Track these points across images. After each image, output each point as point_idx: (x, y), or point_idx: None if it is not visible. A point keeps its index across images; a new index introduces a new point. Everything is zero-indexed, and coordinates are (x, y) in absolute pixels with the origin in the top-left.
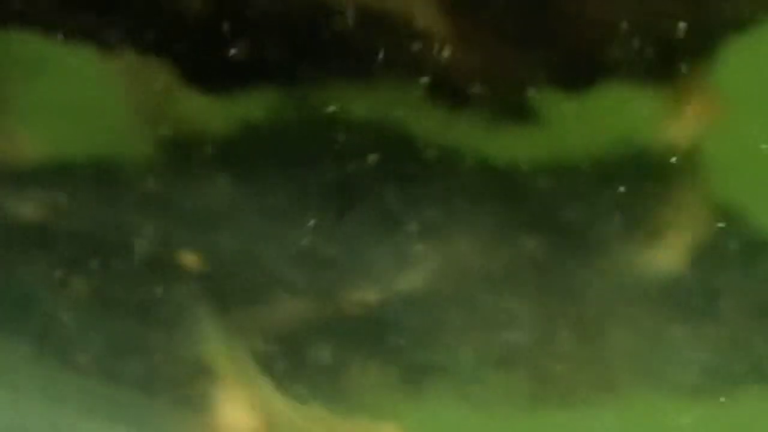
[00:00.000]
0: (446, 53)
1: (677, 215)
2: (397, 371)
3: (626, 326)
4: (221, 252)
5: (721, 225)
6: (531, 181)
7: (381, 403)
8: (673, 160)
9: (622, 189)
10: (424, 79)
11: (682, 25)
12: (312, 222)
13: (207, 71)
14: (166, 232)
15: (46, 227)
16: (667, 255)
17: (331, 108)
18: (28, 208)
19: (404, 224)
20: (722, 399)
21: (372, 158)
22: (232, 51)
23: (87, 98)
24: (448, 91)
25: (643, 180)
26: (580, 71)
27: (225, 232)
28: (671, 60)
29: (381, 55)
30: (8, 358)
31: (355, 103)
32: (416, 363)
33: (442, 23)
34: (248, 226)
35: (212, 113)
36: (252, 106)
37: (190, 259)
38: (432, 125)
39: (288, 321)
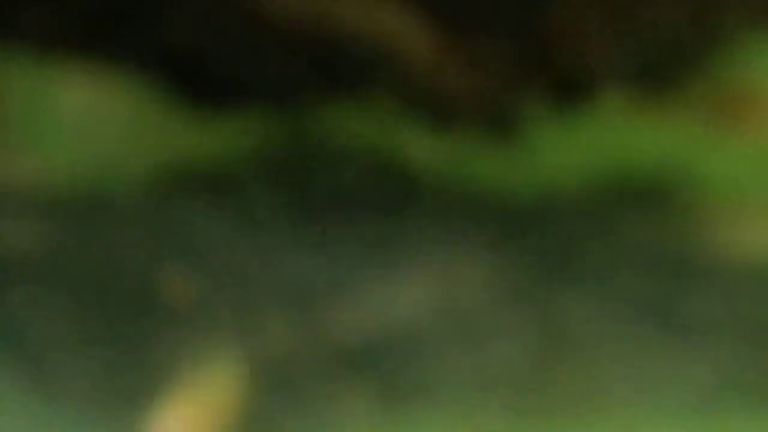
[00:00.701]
0: (434, 73)
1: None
2: (385, 399)
3: (616, 347)
4: (207, 278)
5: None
6: (516, 205)
7: (365, 428)
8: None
9: (611, 211)
10: (414, 101)
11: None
12: (301, 248)
13: (201, 90)
14: (152, 256)
15: (33, 253)
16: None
17: (322, 132)
18: (16, 234)
19: (392, 251)
20: (717, 417)
21: (362, 184)
22: (226, 70)
23: (77, 122)
24: (438, 112)
25: (636, 201)
26: (573, 88)
27: (211, 257)
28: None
29: (371, 76)
30: None
31: (345, 126)
32: (405, 391)
33: (430, 44)
34: (236, 251)
35: (202, 136)
36: (242, 130)
37: (176, 284)
38: (422, 148)
39: (275, 347)
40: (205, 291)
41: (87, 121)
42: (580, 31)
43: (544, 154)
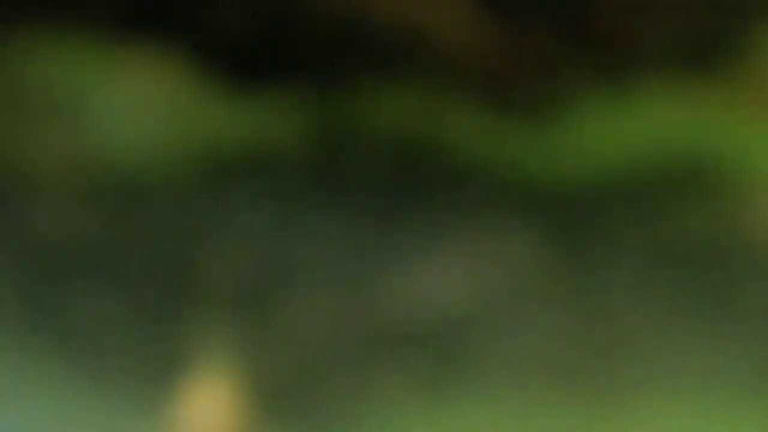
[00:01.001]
0: (475, 55)
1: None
2: (427, 384)
3: (659, 330)
4: (248, 261)
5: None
6: (557, 189)
7: (411, 418)
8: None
9: (652, 196)
10: (454, 82)
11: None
12: (341, 232)
13: (239, 73)
14: (192, 240)
15: (73, 236)
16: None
17: (361, 113)
18: (56, 216)
19: (433, 235)
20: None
21: (402, 166)
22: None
23: (116, 107)
24: (478, 94)
25: (678, 185)
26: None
27: (252, 241)
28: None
29: (415, 62)
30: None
31: (385, 107)
32: (448, 376)
33: (471, 25)
34: (276, 235)
35: (243, 119)
36: (281, 114)
37: (216, 268)
38: (462, 129)
39: (316, 332)
40: (244, 272)
41: (132, 105)
42: (622, 13)
43: (586, 136)
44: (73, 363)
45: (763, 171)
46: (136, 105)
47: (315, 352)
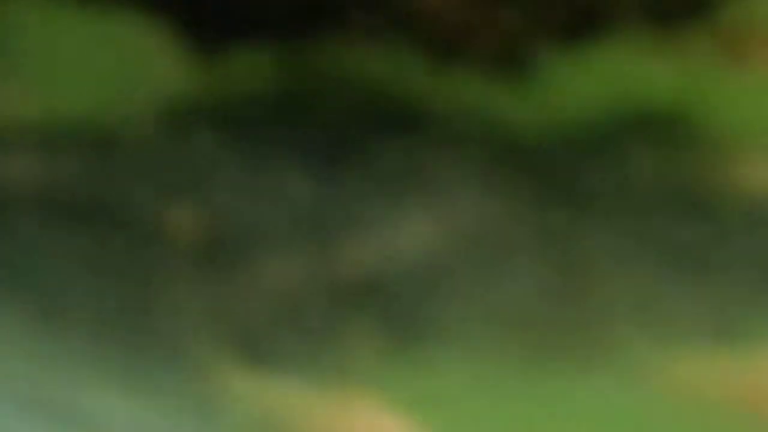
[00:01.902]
0: (440, 9)
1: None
2: (392, 335)
3: (626, 283)
4: (216, 213)
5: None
6: (527, 139)
7: (374, 368)
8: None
9: (623, 147)
10: (419, 36)
11: None
12: (308, 183)
13: (206, 28)
14: (160, 192)
15: (41, 185)
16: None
17: (328, 67)
18: (24, 168)
19: (401, 184)
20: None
21: (369, 117)
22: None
23: (85, 59)
24: (444, 48)
25: (644, 137)
26: (580, 22)
27: (219, 192)
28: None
29: (375, 12)
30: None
31: (353, 62)
32: (412, 327)
33: None
34: (243, 186)
35: (208, 72)
36: (247, 66)
37: (184, 219)
38: (429, 83)
39: (283, 283)
40: (212, 226)
41: (97, 58)
42: None
43: (555, 89)
44: (35, 315)
45: (736, 123)
46: (107, 59)
47: (282, 300)
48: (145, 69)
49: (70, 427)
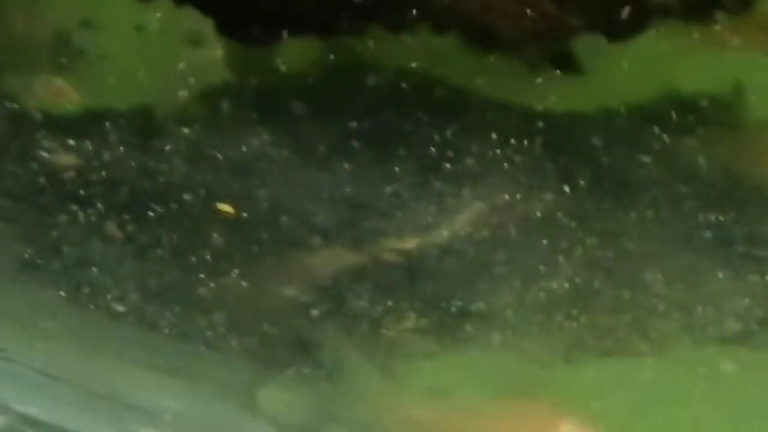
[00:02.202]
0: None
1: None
2: (434, 319)
3: (667, 274)
4: (257, 200)
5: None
6: (572, 129)
7: (417, 350)
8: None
9: (663, 136)
10: (462, 27)
11: None
12: (349, 169)
13: (242, 22)
14: (203, 180)
15: (84, 175)
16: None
17: (373, 59)
18: (66, 155)
19: (443, 172)
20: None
21: (411, 106)
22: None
23: (125, 48)
24: (487, 39)
25: (684, 127)
26: (623, 14)
27: (261, 180)
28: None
29: (418, 1)
30: (44, 304)
31: (398, 52)
32: (454, 310)
33: None
34: (284, 174)
35: (249, 63)
36: (292, 58)
37: (226, 207)
38: (471, 73)
39: (324, 268)
40: (250, 214)
41: (135, 42)
42: None
43: (596, 79)
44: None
45: None
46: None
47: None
48: (193, 59)
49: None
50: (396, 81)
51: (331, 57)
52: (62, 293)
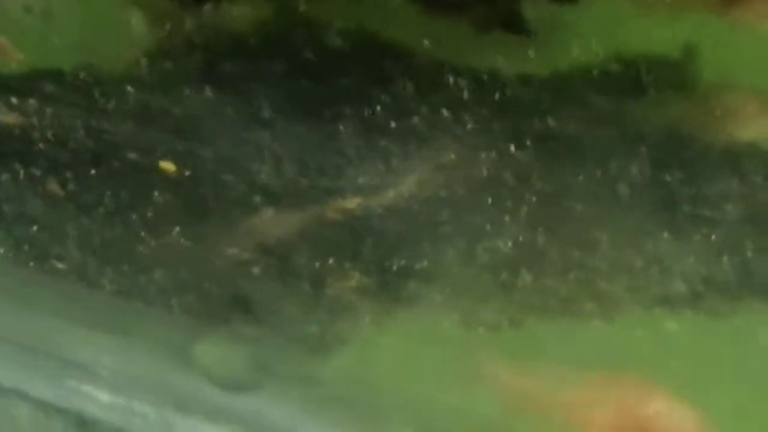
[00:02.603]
0: None
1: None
2: (377, 278)
3: (613, 235)
4: (200, 159)
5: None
6: (520, 89)
7: (362, 311)
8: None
9: (612, 98)
10: None
11: None
12: (293, 128)
13: None
14: (147, 139)
15: (27, 134)
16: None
17: (317, 18)
18: (9, 114)
19: (388, 131)
20: (710, 307)
21: (356, 65)
22: None
23: (70, 6)
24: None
25: (634, 89)
26: None
27: (205, 139)
28: None
29: None
30: None
31: (342, 11)
32: (397, 270)
33: None
34: (228, 133)
35: (193, 22)
36: (236, 16)
37: (168, 165)
38: (418, 33)
39: (267, 227)
40: (195, 174)
41: (80, 0)
42: None
43: (547, 39)
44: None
45: (727, 72)
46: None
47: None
48: (138, 18)
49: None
50: (341, 40)
51: (276, 16)
52: (1, 250)
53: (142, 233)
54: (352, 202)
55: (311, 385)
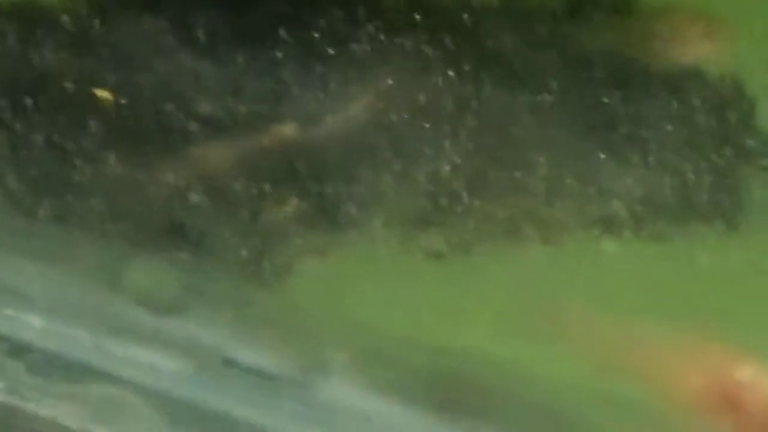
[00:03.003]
0: None
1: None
2: (317, 205)
3: (552, 158)
4: (137, 87)
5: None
6: (459, 14)
7: (299, 236)
8: None
9: (553, 22)
10: None
11: None
12: (234, 57)
13: None
14: (83, 68)
15: None
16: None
17: None
18: None
19: (326, 57)
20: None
21: None
22: None
23: None
24: None
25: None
26: None
27: (142, 67)
28: None
29: None
30: None
31: None
32: (337, 196)
33: None
34: (166, 61)
35: None
36: None
37: (104, 94)
38: None
39: (205, 154)
40: (131, 102)
41: None
42: None
43: None
44: None
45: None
46: None
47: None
48: None
49: None
50: None
51: None
52: None
53: (78, 162)
54: (291, 129)
55: (244, 307)
